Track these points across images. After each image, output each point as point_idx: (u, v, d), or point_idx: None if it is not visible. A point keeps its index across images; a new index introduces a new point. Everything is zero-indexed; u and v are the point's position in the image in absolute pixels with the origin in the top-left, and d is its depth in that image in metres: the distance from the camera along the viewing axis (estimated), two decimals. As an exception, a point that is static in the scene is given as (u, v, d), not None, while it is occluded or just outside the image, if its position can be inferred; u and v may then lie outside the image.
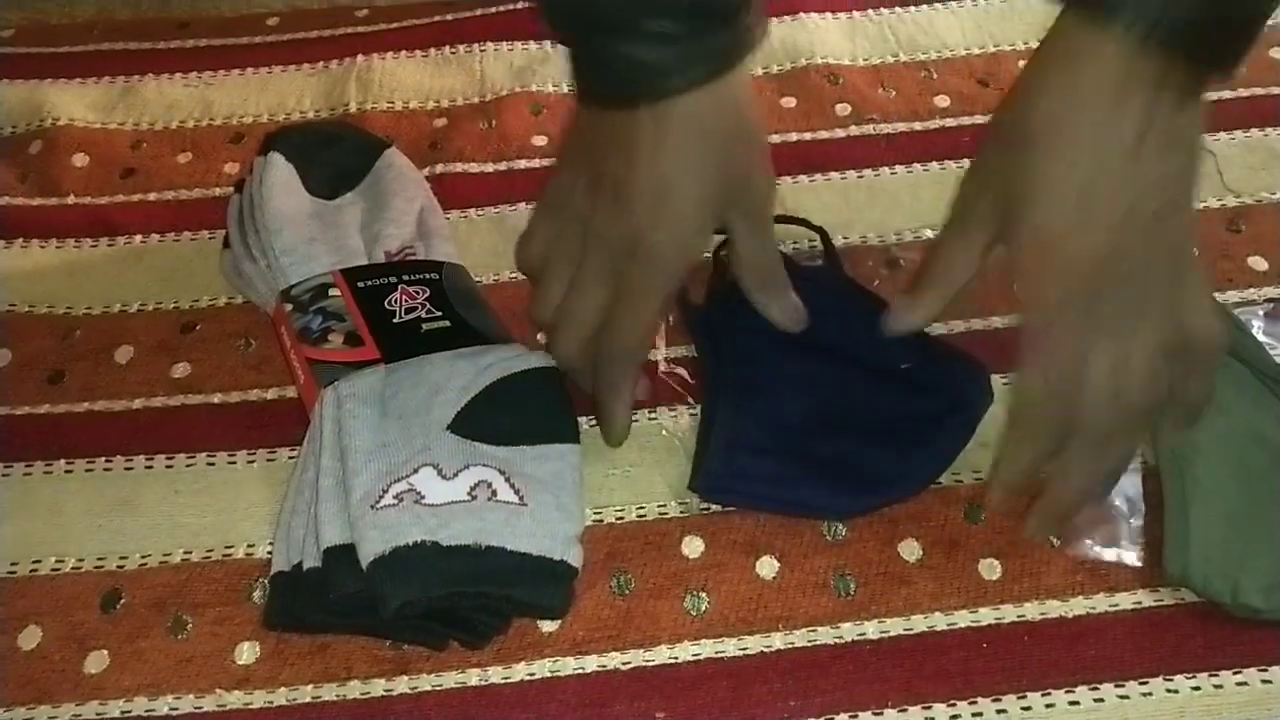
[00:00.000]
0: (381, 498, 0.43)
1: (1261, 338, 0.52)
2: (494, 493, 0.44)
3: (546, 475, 0.46)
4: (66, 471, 0.50)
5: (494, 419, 0.47)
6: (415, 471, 0.44)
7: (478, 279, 0.57)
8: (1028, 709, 0.41)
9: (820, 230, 0.56)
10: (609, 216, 0.44)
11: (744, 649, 0.44)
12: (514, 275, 0.58)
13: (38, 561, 0.47)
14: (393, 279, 0.53)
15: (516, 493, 0.45)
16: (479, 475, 0.45)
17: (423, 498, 0.44)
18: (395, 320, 0.51)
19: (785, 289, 0.49)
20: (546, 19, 0.44)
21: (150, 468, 0.50)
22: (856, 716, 0.42)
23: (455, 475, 0.45)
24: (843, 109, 0.66)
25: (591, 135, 0.45)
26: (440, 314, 0.52)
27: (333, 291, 0.52)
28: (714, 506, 0.48)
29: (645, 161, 0.42)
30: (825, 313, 0.50)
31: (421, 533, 0.42)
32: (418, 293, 0.53)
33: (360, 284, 0.53)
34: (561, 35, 0.44)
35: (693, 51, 0.41)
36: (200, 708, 0.42)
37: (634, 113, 0.42)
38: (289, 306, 0.52)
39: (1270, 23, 0.71)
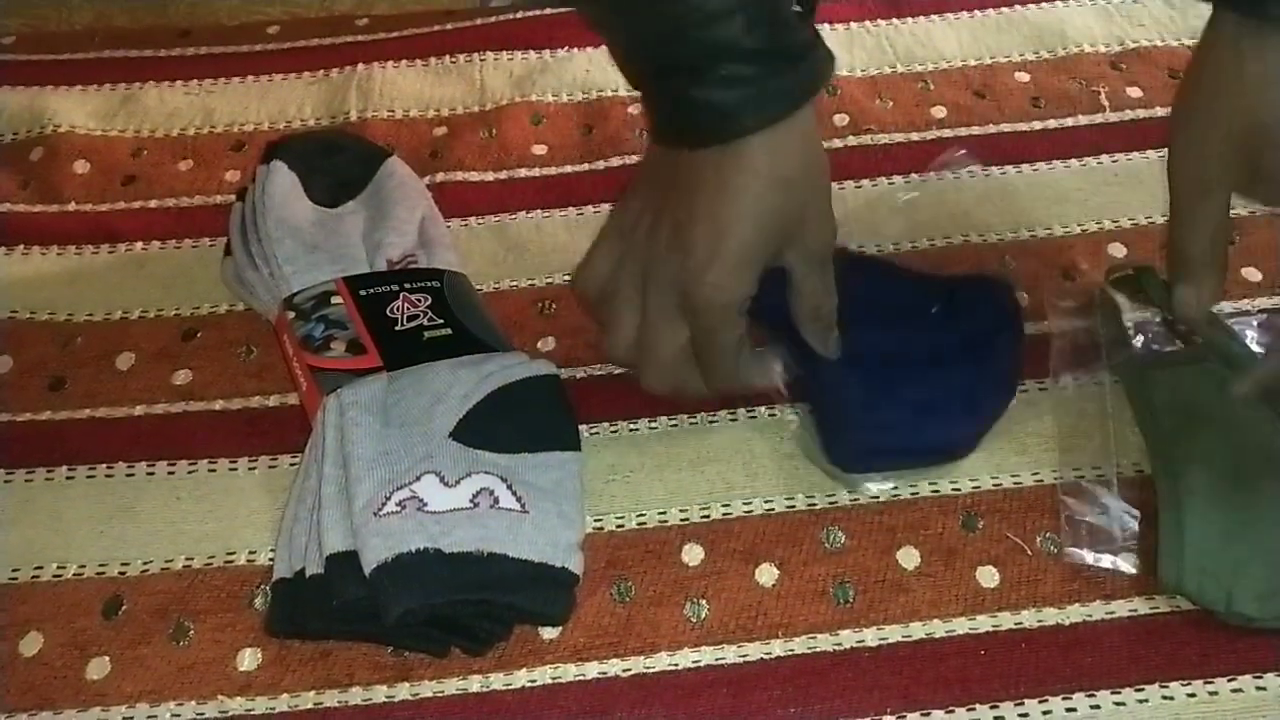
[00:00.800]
0: (384, 505, 0.43)
1: (1255, 348, 0.52)
2: (496, 500, 0.45)
3: (548, 483, 0.46)
4: (68, 478, 0.50)
5: (495, 426, 0.47)
6: (418, 479, 0.45)
7: (479, 287, 0.57)
8: (1025, 716, 0.42)
9: None
10: (666, 256, 0.45)
11: (744, 656, 0.44)
12: (514, 283, 0.58)
13: (39, 568, 0.47)
14: (394, 287, 0.53)
15: (518, 500, 0.45)
16: (481, 483, 0.45)
17: (425, 505, 0.44)
18: (397, 328, 0.52)
19: (834, 326, 0.49)
20: (620, 63, 0.45)
21: (151, 474, 0.50)
22: (855, 723, 0.42)
23: (457, 483, 0.45)
24: (840, 119, 0.66)
25: (658, 171, 0.46)
26: (442, 322, 0.52)
27: (335, 299, 0.53)
28: (713, 514, 0.48)
29: (704, 206, 0.43)
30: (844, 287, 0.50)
31: (424, 540, 0.42)
32: (419, 300, 0.53)
33: (362, 292, 0.53)
34: (635, 78, 0.45)
35: (765, 92, 0.42)
36: (202, 714, 0.42)
37: (700, 153, 0.43)
38: (291, 314, 0.52)
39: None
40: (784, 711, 0.42)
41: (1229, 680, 0.43)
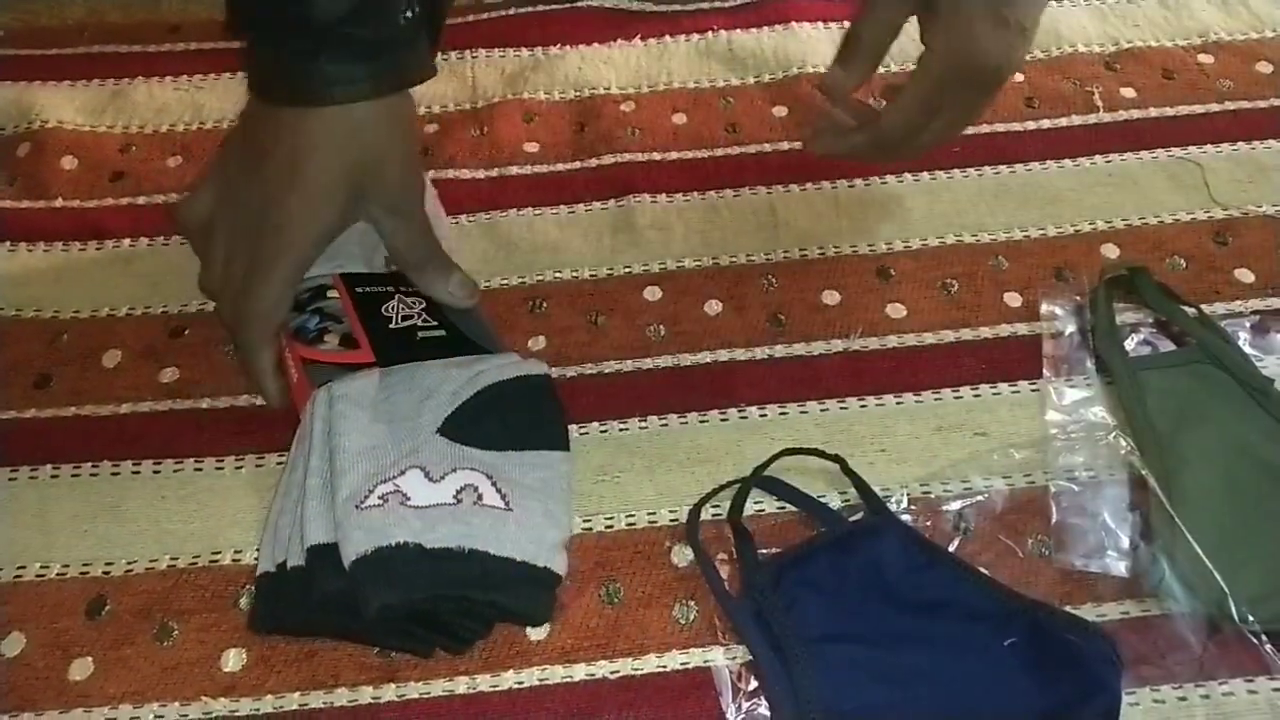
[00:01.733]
0: (367, 498, 0.43)
1: (1248, 349, 0.52)
2: (480, 497, 0.44)
3: (534, 482, 0.46)
4: (53, 477, 0.50)
5: (484, 423, 0.47)
6: (402, 473, 0.44)
7: (468, 285, 0.56)
8: None
9: (839, 460, 0.48)
10: (251, 183, 0.48)
11: (733, 658, 0.43)
12: (505, 281, 0.58)
13: (22, 568, 0.46)
14: (390, 288, 0.53)
15: (503, 497, 0.45)
16: (466, 479, 0.45)
17: (408, 499, 0.43)
18: (392, 326, 0.51)
19: (447, 268, 0.53)
20: (243, 23, 0.47)
21: (137, 473, 0.50)
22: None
23: (442, 478, 0.45)
24: (834, 118, 0.66)
25: (257, 124, 0.49)
26: (436, 324, 0.52)
27: (331, 293, 0.52)
28: (703, 515, 0.48)
29: (288, 136, 0.47)
30: (895, 576, 0.44)
31: (406, 534, 0.42)
32: (414, 303, 0.53)
33: (358, 289, 0.52)
34: (253, 37, 0.47)
35: (370, 71, 0.46)
36: (186, 715, 0.42)
37: (297, 111, 0.47)
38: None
39: (1256, 36, 0.72)
40: (773, 714, 0.42)
41: (1220, 684, 0.42)
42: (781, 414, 0.52)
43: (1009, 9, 0.48)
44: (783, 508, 0.48)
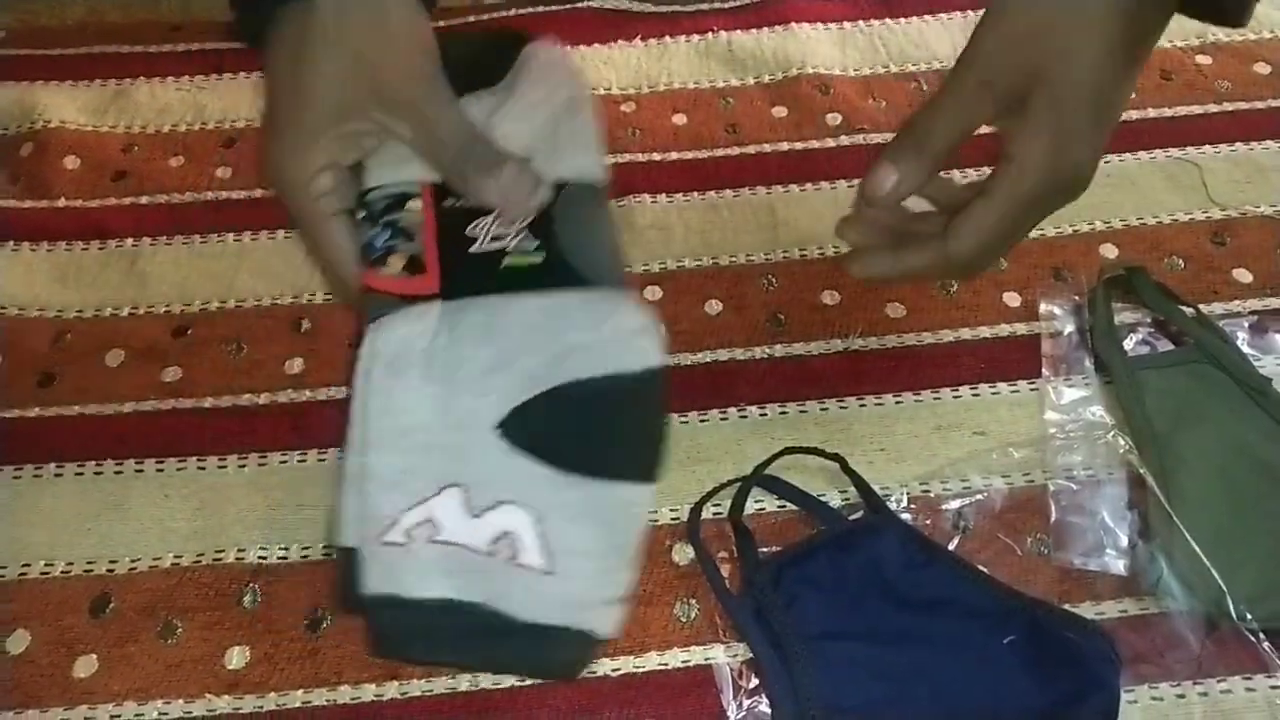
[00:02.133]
0: (391, 528, 0.38)
1: (1246, 349, 0.53)
2: (516, 553, 0.38)
3: (593, 530, 0.38)
4: (56, 475, 0.50)
5: (557, 428, 0.39)
6: (439, 493, 0.38)
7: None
8: (1014, 716, 0.42)
9: (838, 459, 0.48)
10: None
11: (734, 655, 0.44)
12: (506, 282, 0.58)
13: (27, 565, 0.47)
14: None
15: (544, 554, 0.38)
16: (507, 522, 0.38)
17: (438, 532, 0.38)
18: (473, 250, 0.42)
19: (491, 165, 0.42)
20: None
21: (140, 471, 0.50)
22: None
23: (481, 514, 0.38)
24: (833, 119, 0.66)
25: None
26: (536, 245, 0.42)
27: (413, 204, 0.43)
28: (704, 514, 0.48)
29: (269, 76, 0.42)
30: (894, 574, 0.44)
31: (424, 584, 0.37)
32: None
33: (447, 202, 0.43)
34: None
35: None
36: (190, 713, 0.42)
37: (277, 30, 0.41)
38: (362, 213, 0.43)
39: (1254, 38, 0.72)
40: (773, 711, 0.42)
41: (1219, 681, 0.43)
42: (781, 413, 0.52)
43: (1111, 111, 0.42)
44: (783, 506, 0.48)
